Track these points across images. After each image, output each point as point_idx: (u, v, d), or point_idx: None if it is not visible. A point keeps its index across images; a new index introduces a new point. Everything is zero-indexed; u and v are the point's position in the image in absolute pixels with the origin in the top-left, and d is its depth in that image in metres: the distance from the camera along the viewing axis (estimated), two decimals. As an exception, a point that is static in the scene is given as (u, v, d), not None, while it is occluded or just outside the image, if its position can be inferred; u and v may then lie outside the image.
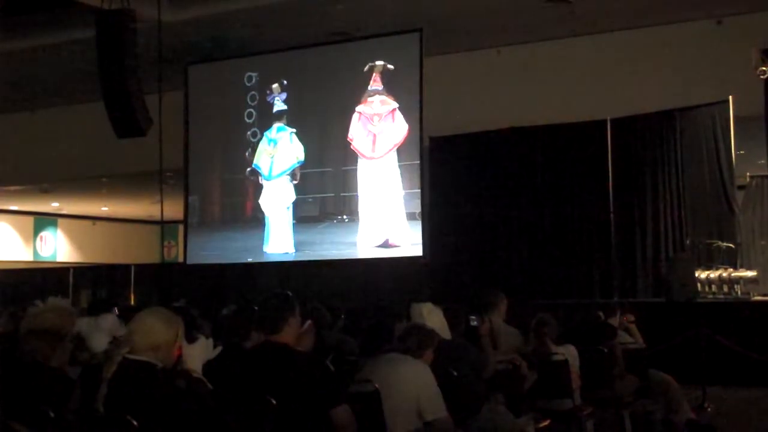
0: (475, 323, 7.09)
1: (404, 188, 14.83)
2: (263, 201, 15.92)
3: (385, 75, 15.14)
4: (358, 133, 15.26)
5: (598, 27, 15.24)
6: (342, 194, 15.53)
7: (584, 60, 15.45)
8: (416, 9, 14.39)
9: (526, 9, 14.56)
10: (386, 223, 14.97)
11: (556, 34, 15.52)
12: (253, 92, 16.28)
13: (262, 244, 15.84)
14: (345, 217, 15.45)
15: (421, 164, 14.80)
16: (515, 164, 15.33)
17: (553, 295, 13.66)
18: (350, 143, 15.25)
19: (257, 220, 16.00)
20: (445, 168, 15.62)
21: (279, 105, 15.98)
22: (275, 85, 15.99)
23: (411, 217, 14.74)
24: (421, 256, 14.62)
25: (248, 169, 16.21)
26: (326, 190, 15.74)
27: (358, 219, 15.23)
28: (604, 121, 14.59)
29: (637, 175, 14.48)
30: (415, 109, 14.68)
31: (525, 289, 13.83)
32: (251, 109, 16.26)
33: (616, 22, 15.05)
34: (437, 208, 15.36)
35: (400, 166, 14.89)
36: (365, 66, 15.19)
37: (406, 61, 14.83)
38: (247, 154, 16.22)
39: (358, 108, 15.25)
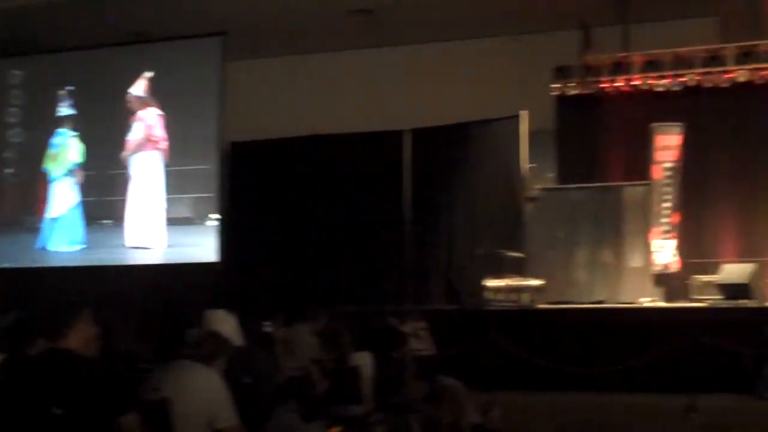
0: (269, 329, 7.09)
1: (198, 192, 14.72)
2: (52, 202, 15.48)
3: (155, 82, 15.00)
4: (162, 135, 15.05)
5: (400, 39, 15.56)
6: (117, 198, 15.28)
7: (386, 70, 15.73)
8: (220, 13, 14.29)
9: (331, 18, 14.71)
10: (157, 226, 14.90)
11: (360, 44, 15.74)
12: (19, 91, 15.85)
13: (46, 245, 15.43)
14: (112, 221, 15.24)
15: (220, 169, 14.72)
16: (315, 171, 15.42)
17: (348, 302, 13.78)
18: (156, 143, 15.01)
19: (35, 222, 15.60)
20: (246, 173, 15.56)
21: (64, 109, 15.55)
22: (62, 90, 15.55)
23: (203, 221, 14.69)
24: (217, 262, 14.53)
25: (9, 170, 15.74)
26: (102, 193, 15.46)
27: (130, 222, 15.12)
28: (403, 132, 14.88)
29: (434, 185, 14.84)
30: (215, 113, 14.60)
31: (321, 296, 13.91)
32: (15, 108, 15.86)
33: (417, 35, 15.41)
34: (236, 214, 15.27)
35: (196, 170, 14.80)
36: (162, 68, 15.00)
37: (208, 65, 14.73)
38: (11, 154, 15.77)
39: (154, 111, 15.05)
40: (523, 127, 13.92)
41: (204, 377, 5.51)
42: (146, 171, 15.06)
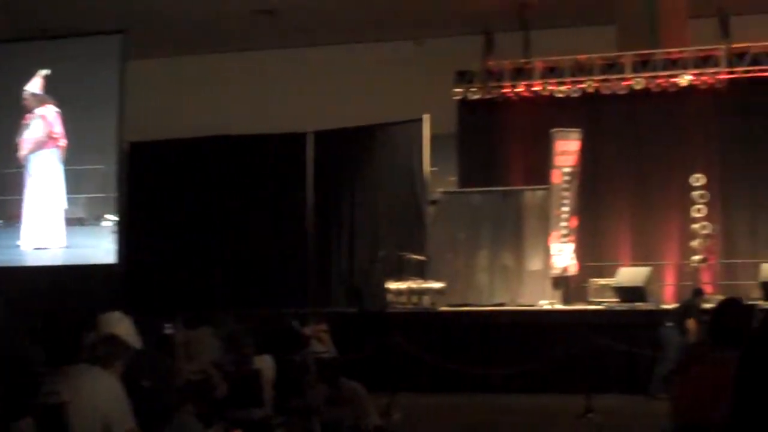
0: (169, 331, 7.00)
1: (94, 192, 14.47)
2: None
3: (53, 79, 14.69)
4: (61, 133, 14.74)
5: (303, 41, 15.52)
6: (8, 197, 14.95)
7: (289, 72, 15.69)
8: (121, 11, 14.06)
9: (233, 18, 14.59)
10: (57, 226, 14.60)
11: (262, 44, 15.67)
12: None
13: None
14: (3, 221, 14.94)
15: (120, 169, 14.47)
16: (216, 173, 15.28)
17: (250, 304, 13.68)
18: (56, 141, 14.69)
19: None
20: (146, 174, 15.32)
21: None
22: None
23: (97, 222, 14.44)
24: (116, 263, 14.28)
25: None
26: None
27: (28, 222, 14.81)
28: (306, 134, 14.85)
29: (336, 188, 14.85)
30: (115, 112, 14.36)
31: (223, 298, 13.80)
32: None
33: (321, 37, 15.40)
34: (135, 215, 15.03)
35: (92, 170, 14.53)
36: (60, 66, 14.67)
37: (107, 63, 14.47)
38: None
39: (53, 108, 14.72)
40: (426, 131, 14.02)
41: (101, 381, 5.41)
42: (46, 170, 14.74)
